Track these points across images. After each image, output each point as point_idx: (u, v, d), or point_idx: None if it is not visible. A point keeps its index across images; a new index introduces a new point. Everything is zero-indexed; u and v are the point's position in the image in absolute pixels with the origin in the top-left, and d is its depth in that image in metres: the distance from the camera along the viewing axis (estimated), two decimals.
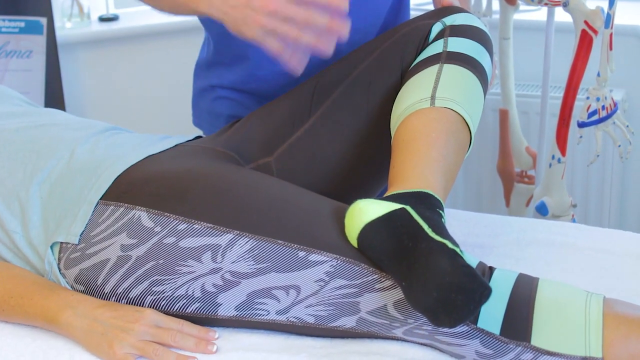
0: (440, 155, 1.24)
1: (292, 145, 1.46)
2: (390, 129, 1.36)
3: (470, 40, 1.41)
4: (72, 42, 2.79)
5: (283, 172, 1.45)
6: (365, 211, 1.14)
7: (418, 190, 1.17)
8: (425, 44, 1.43)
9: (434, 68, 1.36)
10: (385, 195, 1.18)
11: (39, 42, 2.66)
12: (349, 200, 1.48)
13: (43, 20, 2.65)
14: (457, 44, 1.39)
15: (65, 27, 2.87)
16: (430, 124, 1.27)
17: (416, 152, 1.24)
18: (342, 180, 1.47)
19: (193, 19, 1.81)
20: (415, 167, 1.22)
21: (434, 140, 1.25)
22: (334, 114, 1.46)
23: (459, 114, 1.29)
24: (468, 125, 1.31)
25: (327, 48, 1.21)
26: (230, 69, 1.67)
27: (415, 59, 1.43)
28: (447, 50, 1.38)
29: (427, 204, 1.15)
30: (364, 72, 1.46)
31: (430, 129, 1.26)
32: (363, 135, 1.45)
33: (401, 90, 1.38)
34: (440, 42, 1.41)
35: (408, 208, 1.13)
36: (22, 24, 2.65)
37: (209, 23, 1.67)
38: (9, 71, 2.65)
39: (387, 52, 1.45)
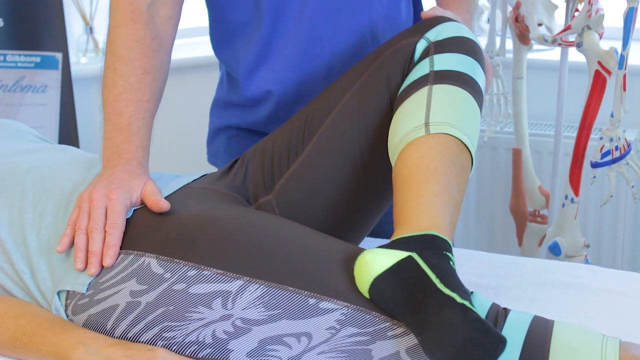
0: (442, 188, 1.21)
1: (289, 179, 1.44)
2: (384, 153, 1.34)
3: (458, 54, 1.35)
4: (87, 77, 2.80)
5: (284, 208, 1.43)
6: (373, 264, 1.13)
7: (423, 233, 1.15)
8: (411, 64, 1.38)
9: (423, 91, 1.31)
10: (391, 239, 1.17)
11: (54, 77, 2.68)
12: (352, 227, 1.47)
13: (58, 56, 2.67)
14: (444, 61, 1.34)
15: (81, 62, 2.88)
16: (427, 155, 1.24)
17: (417, 188, 1.21)
18: (342, 208, 1.44)
19: (209, 55, 1.81)
20: (418, 205, 1.19)
21: (433, 171, 1.22)
22: (327, 143, 1.42)
23: (456, 137, 1.26)
24: (467, 146, 1.28)
25: None
26: (250, 111, 1.67)
27: (402, 81, 1.38)
28: (434, 69, 1.34)
29: (434, 248, 1.13)
30: (351, 99, 1.42)
31: (428, 160, 1.23)
32: (358, 162, 1.42)
33: (393, 119, 1.34)
34: (426, 61, 1.35)
35: (415, 256, 1.11)
36: (38, 59, 2.67)
37: (230, 64, 1.67)
38: (24, 106, 2.66)
39: (373, 77, 1.41)
